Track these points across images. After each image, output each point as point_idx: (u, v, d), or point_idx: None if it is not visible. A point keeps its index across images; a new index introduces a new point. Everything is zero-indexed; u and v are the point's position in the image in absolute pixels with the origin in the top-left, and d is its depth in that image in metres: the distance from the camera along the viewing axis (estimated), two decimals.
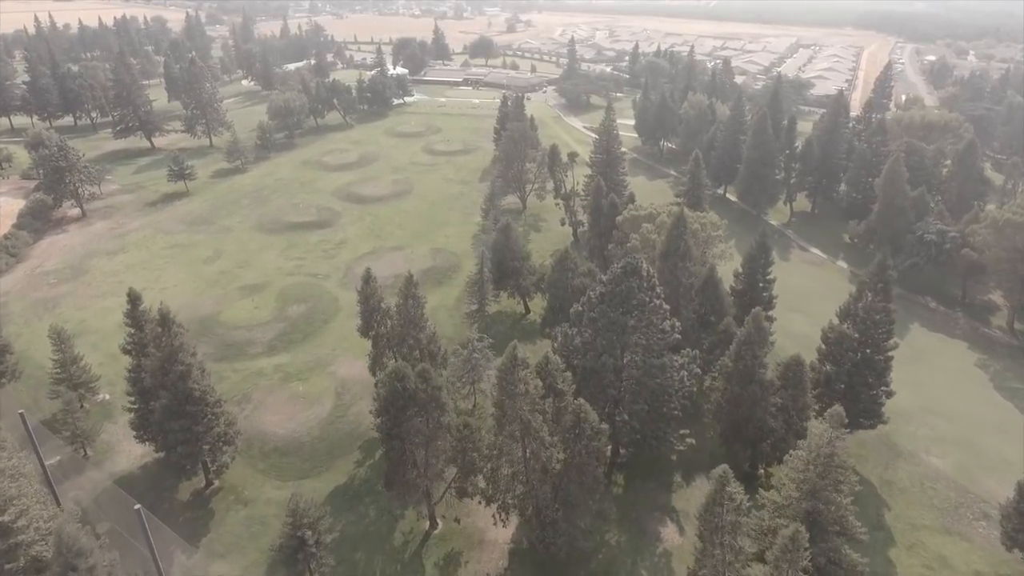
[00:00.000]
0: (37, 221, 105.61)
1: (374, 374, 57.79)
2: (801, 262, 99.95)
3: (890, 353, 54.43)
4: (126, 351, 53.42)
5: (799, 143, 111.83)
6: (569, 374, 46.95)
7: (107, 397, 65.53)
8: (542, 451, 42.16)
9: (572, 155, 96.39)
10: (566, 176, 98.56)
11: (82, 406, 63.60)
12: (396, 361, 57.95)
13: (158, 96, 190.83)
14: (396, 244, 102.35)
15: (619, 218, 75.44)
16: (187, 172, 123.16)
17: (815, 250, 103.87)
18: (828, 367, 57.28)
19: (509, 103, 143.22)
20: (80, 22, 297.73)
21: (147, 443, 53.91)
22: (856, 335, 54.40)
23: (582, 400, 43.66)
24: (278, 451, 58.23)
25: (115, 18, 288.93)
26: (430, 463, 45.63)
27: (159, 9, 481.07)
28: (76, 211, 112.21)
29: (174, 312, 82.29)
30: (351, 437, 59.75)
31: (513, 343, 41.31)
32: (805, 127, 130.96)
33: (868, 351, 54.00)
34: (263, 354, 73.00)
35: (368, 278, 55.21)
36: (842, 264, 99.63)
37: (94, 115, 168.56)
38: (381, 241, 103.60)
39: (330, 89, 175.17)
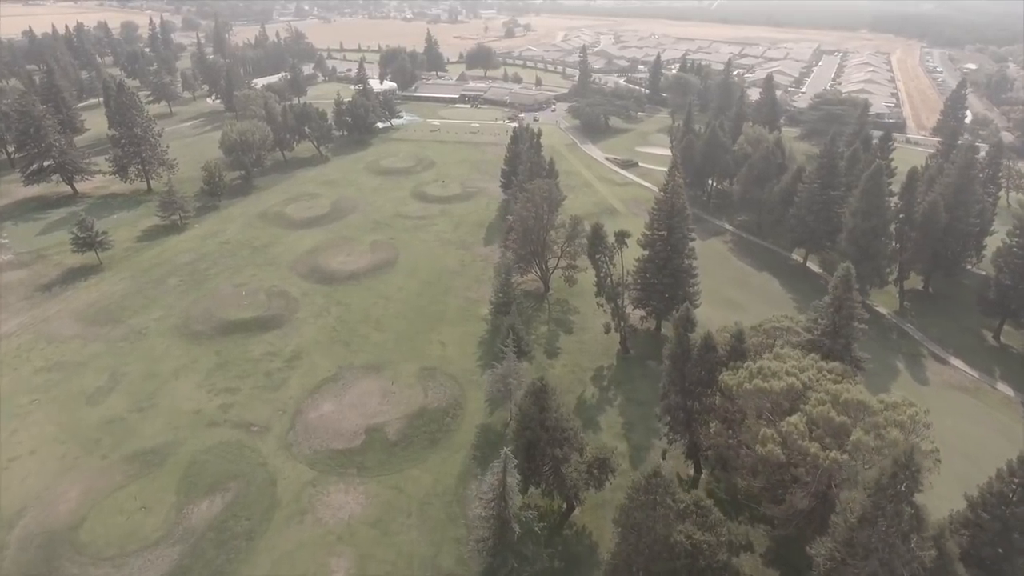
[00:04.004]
0: None
1: None
2: (945, 386, 70.35)
3: None
4: None
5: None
6: None
7: None
8: None
9: (621, 235, 66.66)
10: (612, 264, 69.13)
11: None
12: None
13: (99, 121, 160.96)
14: (371, 358, 72.42)
15: (727, 378, 45.80)
16: (99, 239, 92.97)
17: (957, 362, 74.24)
18: None
19: (521, 135, 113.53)
20: (30, 29, 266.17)
21: None
22: None
23: None
24: None
25: (67, 25, 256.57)
26: None
27: (133, 14, 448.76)
28: None
29: (12, 517, 49.74)
30: None
31: None
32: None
33: None
34: None
35: None
36: (1005, 389, 69.92)
37: (10, 150, 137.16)
38: (351, 353, 73.59)
39: (300, 115, 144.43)
